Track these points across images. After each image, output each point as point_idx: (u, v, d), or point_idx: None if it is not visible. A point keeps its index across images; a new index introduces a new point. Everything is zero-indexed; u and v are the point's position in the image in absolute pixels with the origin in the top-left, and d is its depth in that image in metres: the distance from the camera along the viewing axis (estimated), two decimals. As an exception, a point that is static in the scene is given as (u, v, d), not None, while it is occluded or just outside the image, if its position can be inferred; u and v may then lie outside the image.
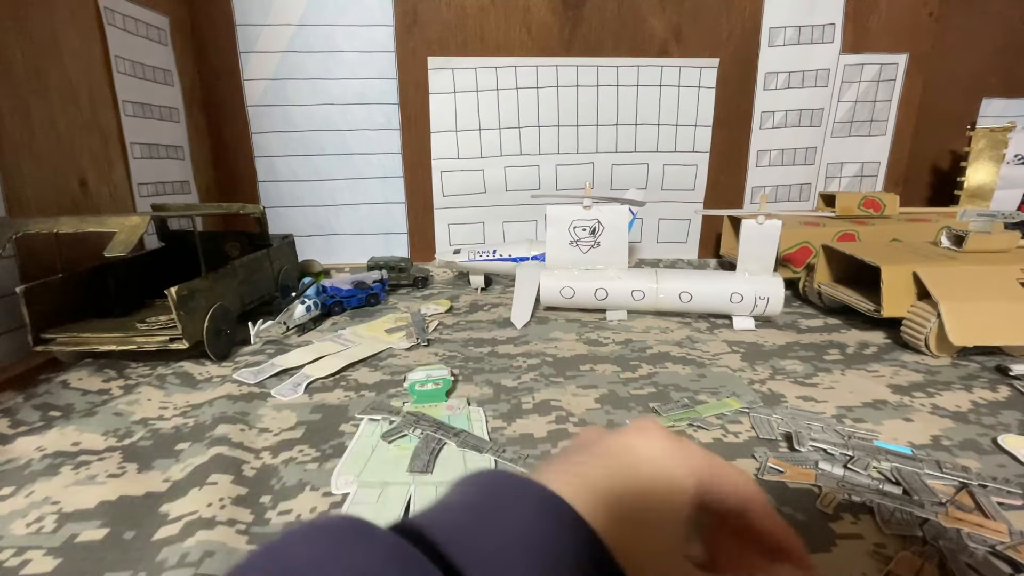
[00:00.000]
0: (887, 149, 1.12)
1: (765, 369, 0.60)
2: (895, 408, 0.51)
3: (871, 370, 0.60)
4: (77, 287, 0.64)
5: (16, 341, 0.59)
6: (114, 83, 0.77)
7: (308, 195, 1.05)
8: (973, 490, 0.37)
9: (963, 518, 0.34)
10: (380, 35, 0.98)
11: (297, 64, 0.98)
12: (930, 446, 0.44)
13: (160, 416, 0.50)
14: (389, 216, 1.08)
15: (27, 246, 0.62)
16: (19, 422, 0.49)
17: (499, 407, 0.51)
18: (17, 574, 0.32)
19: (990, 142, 0.98)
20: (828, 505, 0.35)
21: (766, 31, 1.03)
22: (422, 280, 0.95)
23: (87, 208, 0.72)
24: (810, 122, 1.08)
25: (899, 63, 1.07)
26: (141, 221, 0.55)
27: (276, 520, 0.36)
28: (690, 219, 1.12)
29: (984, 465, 0.41)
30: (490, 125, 1.03)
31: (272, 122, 1.01)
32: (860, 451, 0.42)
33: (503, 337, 0.71)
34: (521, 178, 1.06)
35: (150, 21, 0.86)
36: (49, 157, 0.66)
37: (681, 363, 0.62)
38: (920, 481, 0.38)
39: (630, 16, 1.00)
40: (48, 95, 0.66)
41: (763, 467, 0.39)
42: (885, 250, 0.73)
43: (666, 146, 1.07)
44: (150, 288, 0.72)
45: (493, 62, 1.00)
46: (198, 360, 0.62)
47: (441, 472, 0.40)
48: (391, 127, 1.03)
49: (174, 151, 0.92)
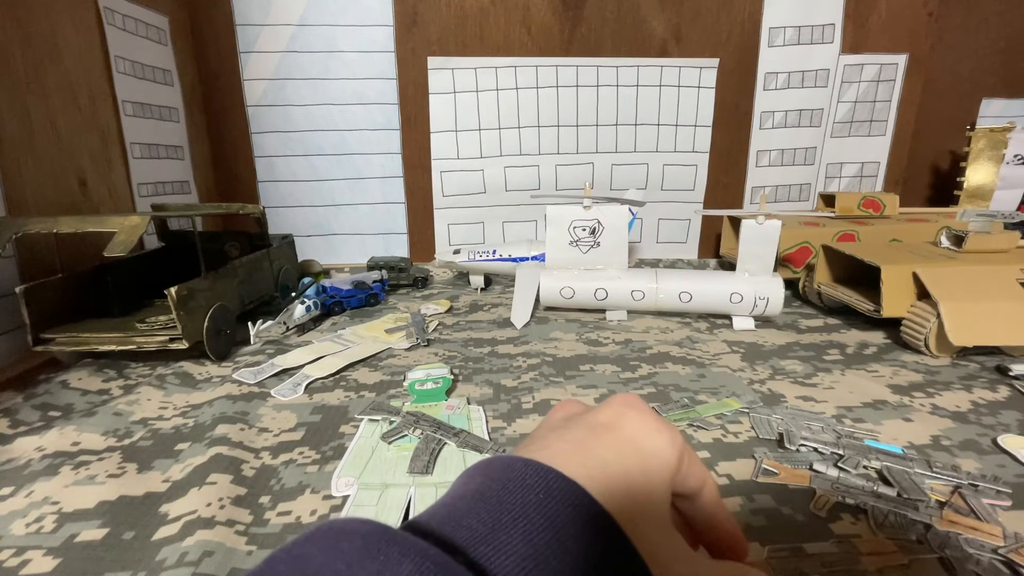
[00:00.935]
0: (887, 149, 1.12)
1: (765, 369, 0.60)
2: (895, 408, 0.51)
3: (871, 370, 0.60)
4: (77, 287, 0.64)
5: (16, 341, 0.59)
6: (114, 83, 0.77)
7: (308, 195, 1.05)
8: (964, 492, 0.37)
9: (958, 521, 0.34)
10: (380, 35, 0.98)
11: (297, 64, 0.98)
12: (930, 446, 0.44)
13: (160, 416, 0.50)
14: (389, 216, 1.08)
15: (27, 246, 0.62)
16: (19, 422, 0.49)
17: (499, 407, 0.51)
18: (17, 574, 0.32)
19: (990, 142, 0.98)
20: (822, 508, 0.35)
21: (766, 31, 1.03)
22: (422, 280, 0.95)
23: (87, 208, 0.72)
24: (810, 122, 1.08)
25: (899, 63, 1.07)
26: (141, 221, 0.55)
27: (275, 521, 0.36)
28: (690, 219, 1.12)
29: (984, 465, 0.41)
30: (490, 125, 1.03)
31: (272, 122, 1.01)
32: (851, 450, 0.42)
33: (503, 337, 0.71)
34: (521, 178, 1.06)
35: (150, 21, 0.86)
36: (49, 157, 0.66)
37: (681, 363, 0.62)
38: (910, 480, 0.38)
39: (630, 16, 1.00)
40: (48, 95, 0.66)
41: (758, 469, 0.39)
42: (885, 250, 0.73)
43: (666, 146, 1.07)
44: (150, 288, 0.72)
45: (493, 62, 1.00)
46: (198, 360, 0.62)
47: (441, 472, 0.40)
48: (391, 127, 1.03)
49: (174, 151, 0.92)
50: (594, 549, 0.15)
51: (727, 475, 0.40)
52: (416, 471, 0.40)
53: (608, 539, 0.16)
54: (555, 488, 0.16)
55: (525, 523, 0.15)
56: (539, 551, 0.14)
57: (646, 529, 0.17)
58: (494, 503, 0.16)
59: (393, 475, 0.40)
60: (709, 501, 0.22)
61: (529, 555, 0.14)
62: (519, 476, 0.17)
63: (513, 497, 0.16)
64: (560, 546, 0.15)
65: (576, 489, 0.16)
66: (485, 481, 0.17)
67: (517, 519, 0.15)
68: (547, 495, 0.16)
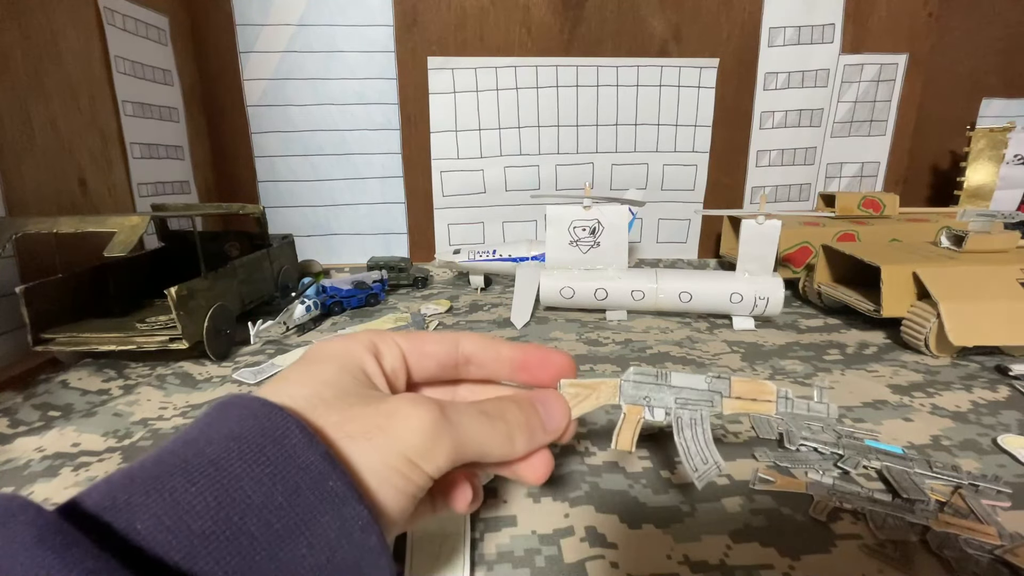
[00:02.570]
0: (887, 149, 1.12)
1: (765, 369, 0.60)
2: (895, 408, 0.51)
3: (871, 370, 0.60)
4: (77, 287, 0.64)
5: (16, 341, 0.59)
6: (114, 83, 0.77)
7: (308, 195, 1.05)
8: (964, 492, 0.37)
9: (957, 522, 0.34)
10: (380, 35, 0.98)
11: (297, 64, 0.98)
12: (930, 446, 0.44)
13: (160, 416, 0.50)
14: (389, 216, 1.08)
15: (27, 246, 0.62)
16: (18, 422, 0.49)
17: (499, 407, 0.51)
18: (17, 574, 0.31)
19: (990, 142, 0.98)
20: (821, 512, 0.35)
21: (766, 31, 1.03)
22: (422, 280, 0.95)
23: (87, 208, 0.72)
24: (810, 122, 1.08)
25: (899, 63, 1.07)
26: (141, 221, 0.55)
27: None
28: (690, 219, 1.12)
29: (984, 465, 0.41)
30: (490, 125, 1.03)
31: (272, 122, 1.01)
32: (851, 450, 0.42)
33: (503, 337, 0.71)
34: (521, 178, 1.06)
35: (150, 21, 0.86)
36: (49, 157, 0.66)
37: (681, 363, 0.62)
38: (910, 480, 0.38)
39: (630, 16, 1.00)
40: (48, 95, 0.66)
41: (754, 479, 0.39)
42: (885, 250, 0.73)
43: (666, 146, 1.07)
44: (150, 288, 0.72)
45: (493, 62, 1.00)
46: (198, 360, 0.62)
47: (441, 472, 0.40)
48: (391, 127, 1.03)
49: (174, 151, 0.92)
50: (249, 422, 0.18)
51: (727, 475, 0.40)
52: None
53: (262, 414, 0.19)
54: (240, 401, 0.20)
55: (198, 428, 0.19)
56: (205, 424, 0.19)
57: (332, 404, 0.21)
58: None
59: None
60: (469, 351, 0.27)
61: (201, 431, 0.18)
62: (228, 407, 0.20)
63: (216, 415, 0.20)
64: (222, 417, 0.19)
65: (249, 397, 0.20)
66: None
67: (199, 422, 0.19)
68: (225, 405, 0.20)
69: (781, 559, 0.32)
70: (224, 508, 0.15)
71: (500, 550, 0.33)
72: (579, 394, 0.28)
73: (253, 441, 0.17)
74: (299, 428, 0.18)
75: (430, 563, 0.31)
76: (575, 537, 0.33)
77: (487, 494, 0.38)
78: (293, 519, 0.16)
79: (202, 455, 0.17)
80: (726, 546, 0.33)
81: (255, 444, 0.17)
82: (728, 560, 0.32)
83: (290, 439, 0.17)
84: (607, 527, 0.34)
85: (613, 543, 0.33)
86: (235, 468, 0.16)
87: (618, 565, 0.31)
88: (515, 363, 0.28)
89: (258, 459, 0.17)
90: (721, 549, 0.32)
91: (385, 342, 0.25)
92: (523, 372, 0.28)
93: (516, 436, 0.24)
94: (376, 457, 0.19)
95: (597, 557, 0.32)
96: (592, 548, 0.32)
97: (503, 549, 0.33)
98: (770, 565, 0.31)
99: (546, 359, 0.28)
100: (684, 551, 0.32)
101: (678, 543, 0.33)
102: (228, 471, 0.16)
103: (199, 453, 0.17)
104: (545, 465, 0.26)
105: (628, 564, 0.31)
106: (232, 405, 0.19)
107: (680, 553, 0.32)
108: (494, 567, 0.31)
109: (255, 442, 0.17)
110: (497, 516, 0.35)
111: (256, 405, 0.19)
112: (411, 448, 0.20)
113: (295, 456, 0.17)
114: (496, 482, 0.39)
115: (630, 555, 0.32)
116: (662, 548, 0.32)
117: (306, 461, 0.17)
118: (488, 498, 0.37)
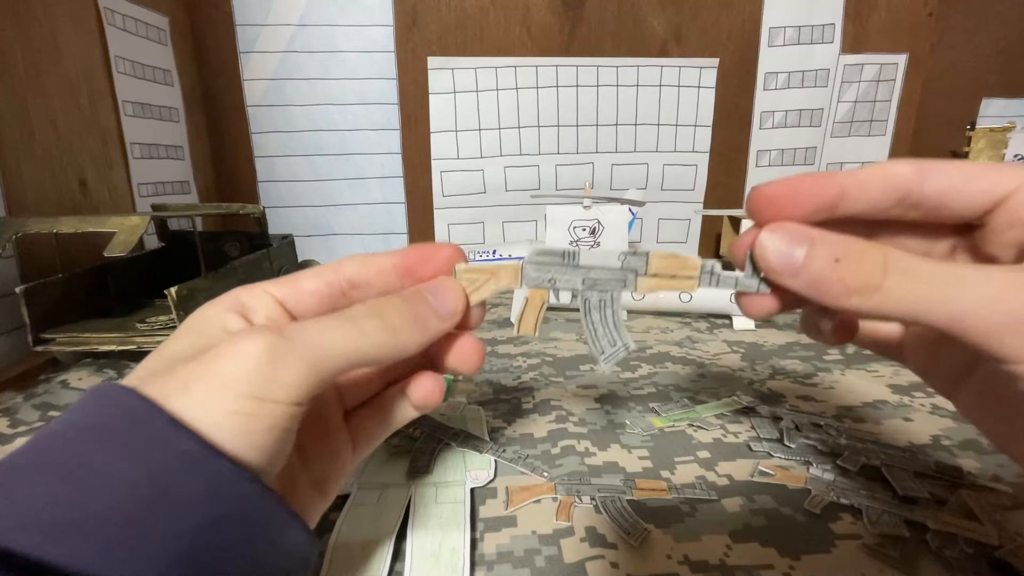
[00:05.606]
0: (887, 149, 1.12)
1: (765, 369, 0.60)
2: (895, 408, 0.51)
3: (871, 370, 0.60)
4: (77, 287, 0.64)
5: (16, 341, 0.59)
6: (114, 83, 0.77)
7: (308, 195, 1.05)
8: (964, 492, 0.37)
9: (957, 522, 0.34)
10: (380, 35, 0.98)
11: (297, 64, 0.98)
12: (930, 446, 0.44)
13: (160, 416, 0.50)
14: (389, 216, 1.08)
15: (27, 246, 0.62)
16: (19, 422, 0.49)
17: (499, 407, 0.51)
18: None
19: (990, 142, 0.98)
20: (816, 506, 0.35)
21: (766, 31, 1.03)
22: (422, 280, 0.95)
23: (87, 208, 0.72)
24: (810, 122, 1.08)
25: (899, 63, 1.07)
26: (141, 221, 0.55)
27: (276, 520, 0.36)
28: (690, 219, 1.12)
29: (984, 465, 0.41)
30: (490, 125, 1.03)
31: (272, 122, 1.01)
32: (850, 449, 0.42)
33: (503, 337, 0.71)
34: (521, 178, 1.06)
35: (150, 21, 0.86)
36: (49, 157, 0.66)
37: (681, 363, 0.62)
38: (910, 479, 0.38)
39: (630, 16, 1.00)
40: (48, 95, 0.66)
41: (754, 471, 0.39)
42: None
43: (666, 146, 1.07)
44: (150, 288, 0.72)
45: (493, 62, 1.00)
46: (198, 360, 0.62)
47: (441, 472, 0.40)
48: (391, 127, 1.03)
49: (174, 151, 0.92)
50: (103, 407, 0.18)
51: (727, 475, 0.40)
52: (416, 471, 0.40)
53: (111, 395, 0.18)
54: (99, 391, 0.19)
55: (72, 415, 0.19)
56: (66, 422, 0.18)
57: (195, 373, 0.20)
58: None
59: (392, 475, 0.40)
60: (350, 274, 0.25)
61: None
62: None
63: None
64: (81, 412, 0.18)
65: (104, 384, 0.19)
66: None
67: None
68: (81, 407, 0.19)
69: (781, 559, 0.32)
70: (76, 493, 0.16)
71: (500, 550, 0.33)
72: (477, 279, 0.26)
73: (104, 425, 0.17)
74: (139, 399, 0.18)
75: (429, 563, 0.31)
76: (575, 537, 0.33)
77: (487, 494, 0.38)
78: (153, 490, 0.16)
79: (54, 440, 0.17)
80: (726, 546, 0.33)
81: (105, 427, 0.17)
82: (728, 560, 0.32)
83: (137, 414, 0.18)
84: (607, 527, 0.34)
85: (613, 543, 0.33)
86: (87, 452, 0.17)
87: (618, 565, 0.31)
88: (399, 269, 0.26)
89: (109, 440, 0.17)
90: (721, 549, 0.32)
91: (253, 294, 0.24)
92: (409, 276, 0.26)
93: (402, 329, 0.23)
94: (208, 406, 0.18)
95: (597, 557, 0.32)
96: (592, 548, 0.32)
97: (503, 549, 0.33)
98: (770, 565, 0.31)
99: (429, 254, 0.26)
100: (684, 551, 0.32)
101: (678, 543, 0.33)
102: (78, 456, 0.17)
103: (54, 439, 0.18)
104: (472, 351, 0.26)
105: (628, 564, 0.31)
106: (89, 393, 0.19)
107: (680, 553, 0.32)
108: (494, 567, 0.31)
109: (106, 425, 0.17)
110: (497, 516, 0.36)
111: (105, 388, 0.19)
112: (244, 383, 0.19)
113: (145, 428, 0.17)
114: (496, 482, 0.39)
115: (630, 555, 0.32)
116: (662, 548, 0.32)
117: (155, 430, 0.17)
118: (488, 498, 0.37)
